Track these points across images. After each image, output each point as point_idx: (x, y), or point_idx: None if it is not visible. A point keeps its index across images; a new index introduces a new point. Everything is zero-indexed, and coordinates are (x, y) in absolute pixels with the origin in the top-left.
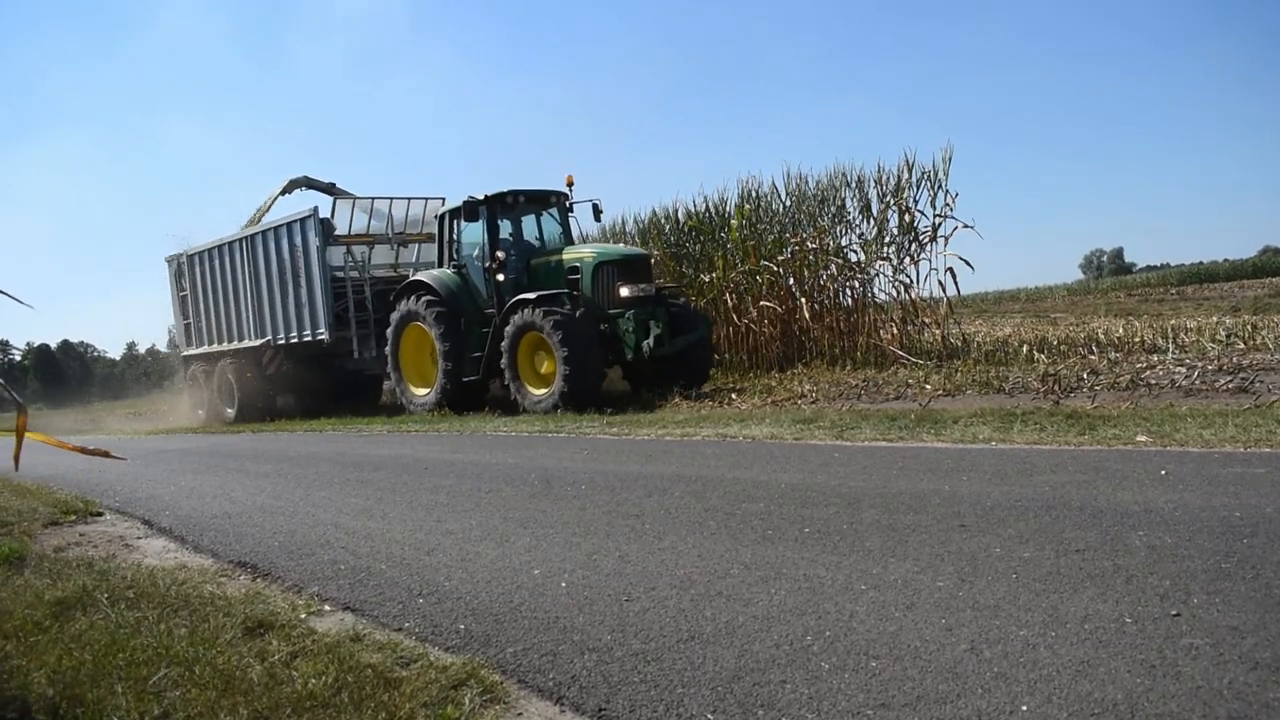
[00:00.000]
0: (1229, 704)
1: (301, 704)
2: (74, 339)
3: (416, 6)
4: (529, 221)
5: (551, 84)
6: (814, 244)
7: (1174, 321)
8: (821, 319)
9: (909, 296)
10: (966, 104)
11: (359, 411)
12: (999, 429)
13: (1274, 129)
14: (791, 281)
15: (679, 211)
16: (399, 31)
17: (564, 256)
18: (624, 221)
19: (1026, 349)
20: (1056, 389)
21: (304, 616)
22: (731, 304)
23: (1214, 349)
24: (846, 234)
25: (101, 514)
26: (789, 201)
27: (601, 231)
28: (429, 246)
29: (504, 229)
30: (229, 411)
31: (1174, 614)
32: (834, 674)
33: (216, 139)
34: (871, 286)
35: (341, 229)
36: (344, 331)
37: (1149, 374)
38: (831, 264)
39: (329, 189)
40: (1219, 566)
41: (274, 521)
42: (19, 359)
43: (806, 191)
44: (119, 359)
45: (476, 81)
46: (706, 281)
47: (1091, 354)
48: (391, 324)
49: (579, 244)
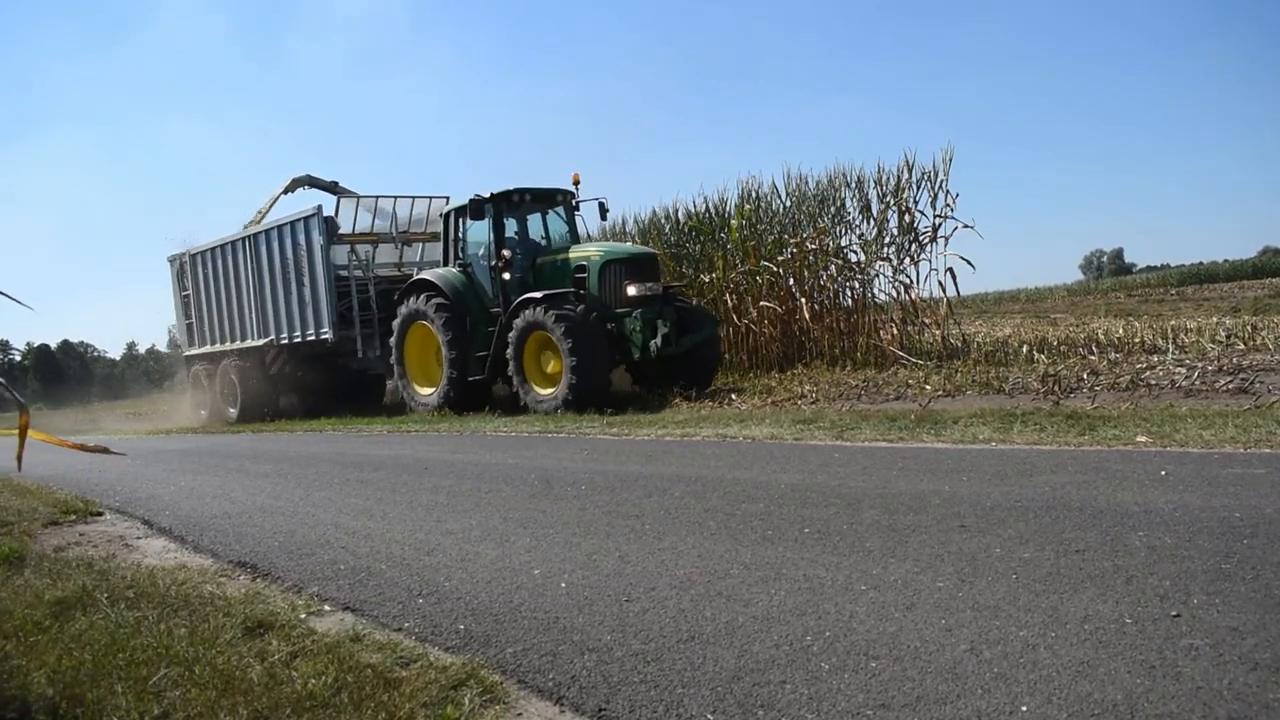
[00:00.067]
0: (1229, 704)
1: (301, 704)
2: (74, 339)
3: (417, 6)
4: (535, 220)
5: (552, 84)
6: (814, 244)
7: (1174, 322)
8: (821, 319)
9: (909, 297)
10: (966, 104)
11: (360, 411)
12: (999, 429)
13: (1274, 129)
14: (791, 282)
15: (679, 212)
16: (399, 31)
17: (570, 255)
18: (624, 221)
19: (1026, 349)
20: (1056, 389)
21: (304, 616)
22: (731, 304)
23: (1214, 349)
24: (846, 234)
25: (101, 514)
26: (789, 202)
27: (601, 231)
28: (433, 246)
29: (510, 227)
30: (231, 411)
31: (1174, 614)
32: (834, 674)
33: (217, 138)
34: (871, 287)
35: (345, 228)
36: (348, 331)
37: (1149, 374)
38: (831, 264)
39: (332, 188)
40: (1219, 567)
41: (274, 521)
42: (19, 359)
43: (806, 192)
44: (119, 359)
45: (477, 81)
46: (706, 282)
47: (1091, 354)
48: (396, 323)
49: (585, 242)
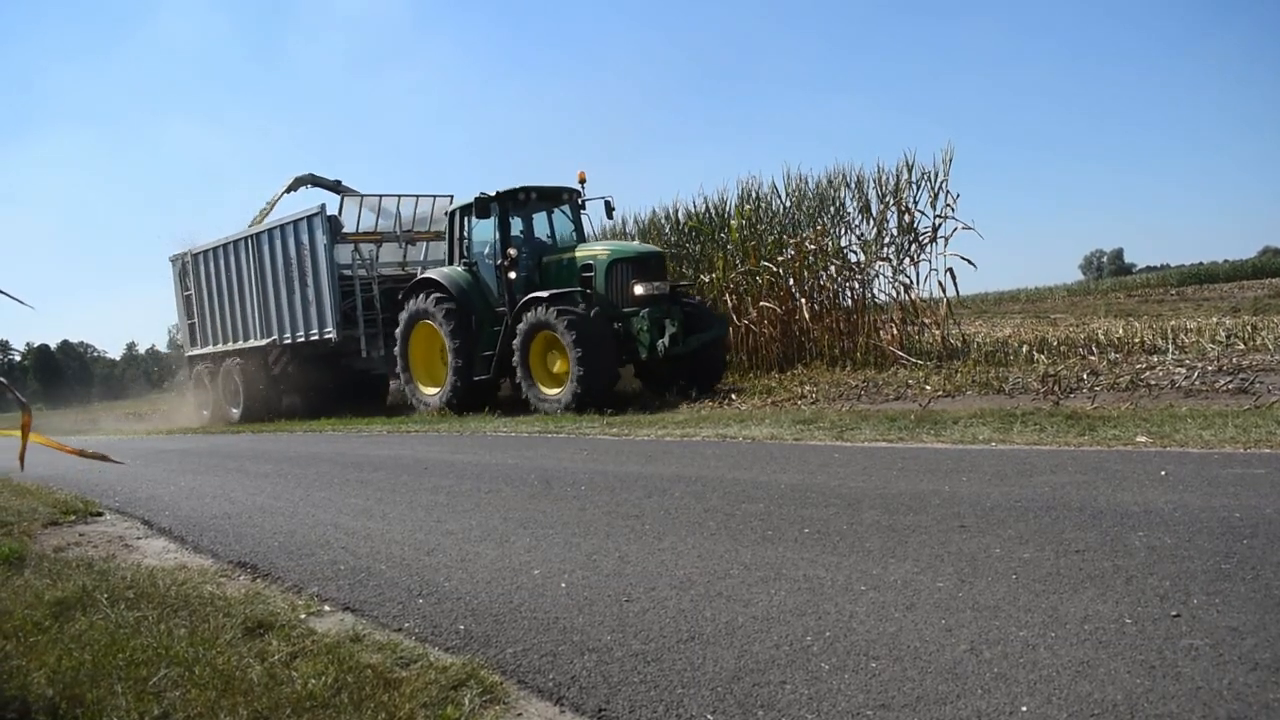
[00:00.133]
0: (1229, 705)
1: (301, 704)
2: (74, 339)
3: (418, 5)
4: (540, 218)
5: (552, 83)
6: (814, 244)
7: (1174, 322)
8: (821, 319)
9: (909, 297)
10: (966, 104)
11: (361, 412)
12: (999, 430)
13: (1274, 129)
14: (791, 282)
15: (679, 212)
16: (400, 30)
17: (577, 254)
18: (624, 221)
19: (1026, 350)
20: (1056, 390)
21: (304, 617)
22: (731, 304)
23: (1214, 350)
24: (846, 234)
25: (101, 514)
26: (789, 202)
27: (601, 231)
28: (436, 245)
29: (515, 226)
30: (234, 412)
31: (1174, 615)
32: (834, 674)
33: (217, 138)
34: (871, 287)
35: (349, 227)
36: (352, 330)
37: (1149, 375)
38: (831, 264)
39: (334, 187)
40: (1219, 567)
41: (274, 522)
42: (19, 359)
43: (806, 192)
44: (119, 359)
45: (477, 81)
46: (706, 282)
47: (1091, 355)
48: (401, 322)
49: (591, 241)
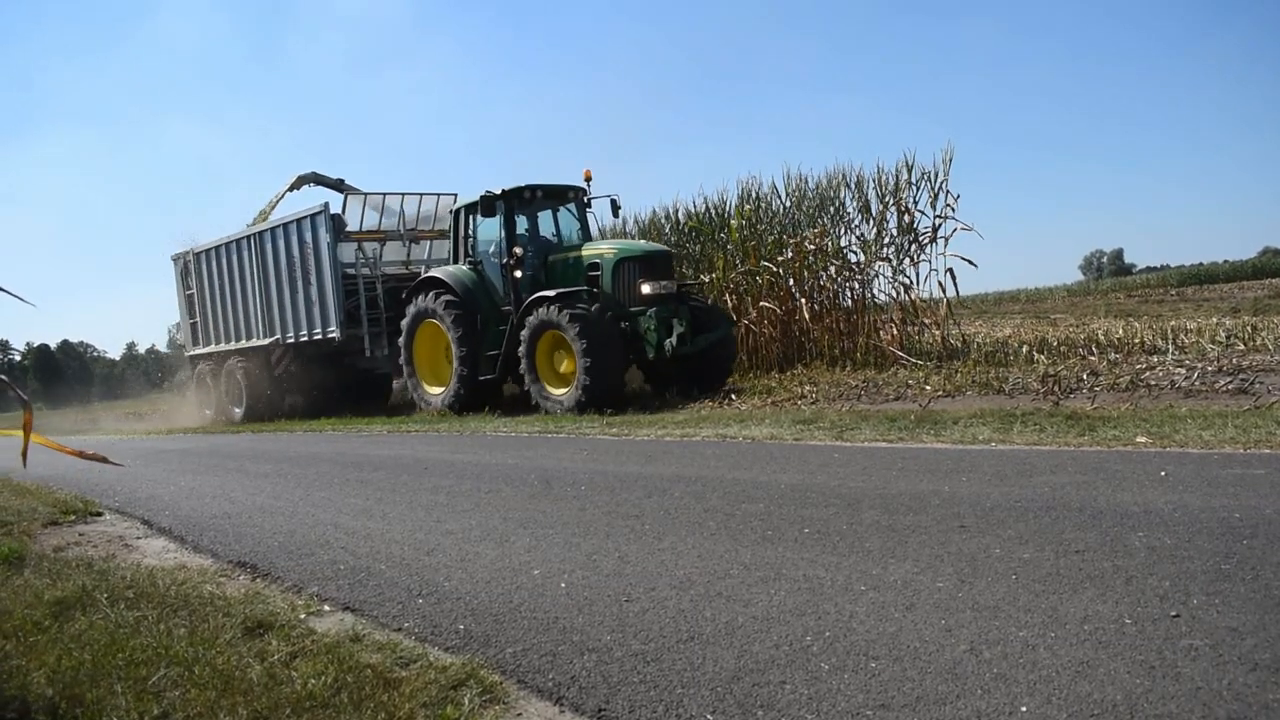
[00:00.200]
0: (1228, 705)
1: (301, 704)
2: (74, 339)
3: (419, 4)
4: (545, 217)
5: (552, 83)
6: (814, 244)
7: (1174, 323)
8: (821, 320)
9: (909, 297)
10: (966, 104)
11: (362, 411)
12: (999, 430)
13: (1274, 129)
14: (791, 282)
15: (679, 212)
16: (400, 30)
17: (583, 253)
18: (624, 221)
19: (1026, 350)
20: (1056, 390)
21: (303, 617)
22: (731, 304)
23: (1214, 350)
24: (846, 234)
25: (101, 514)
26: (789, 202)
27: (602, 231)
28: (440, 243)
29: (521, 224)
30: (236, 411)
31: (1174, 615)
32: (834, 674)
33: (217, 138)
34: (871, 287)
35: (352, 225)
36: (355, 330)
37: (1149, 375)
38: (831, 265)
39: (337, 185)
40: (1219, 568)
41: (274, 521)
42: (19, 359)
43: (806, 192)
44: (119, 359)
45: (478, 80)
46: (706, 282)
47: (1091, 355)
48: (405, 321)
49: (598, 240)
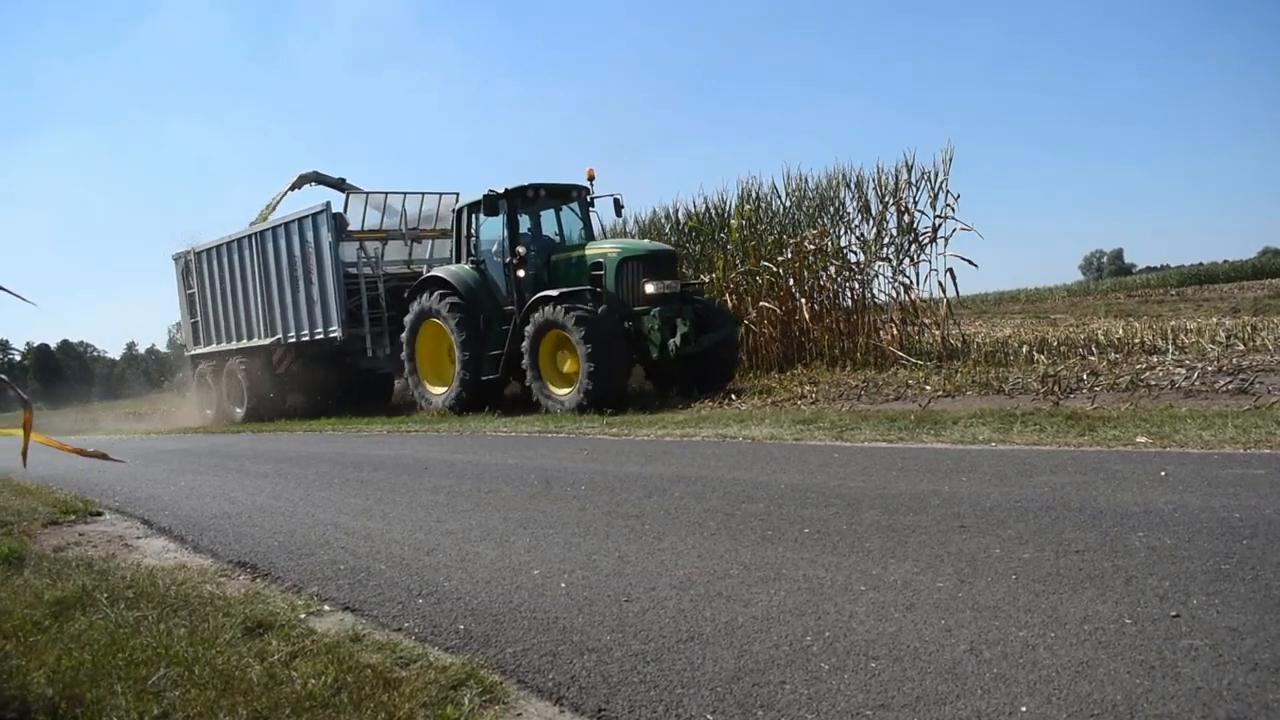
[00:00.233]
0: (1228, 705)
1: (301, 704)
2: (74, 339)
3: (418, 5)
4: (548, 216)
5: (552, 82)
6: (814, 245)
7: (1174, 323)
8: (821, 320)
9: (909, 297)
10: (966, 104)
11: (363, 411)
12: (999, 430)
13: (1274, 129)
14: (791, 282)
15: (679, 212)
16: (401, 29)
17: (586, 252)
18: (625, 221)
19: (1026, 350)
20: (1056, 390)
21: (303, 617)
22: (731, 304)
23: (1214, 350)
24: (846, 234)
25: (101, 514)
26: (789, 202)
27: (602, 231)
28: (442, 243)
29: (524, 223)
30: (238, 411)
31: (1173, 615)
32: (833, 674)
33: (217, 138)
34: (871, 287)
35: (353, 224)
36: (357, 329)
37: (1149, 375)
38: (831, 265)
39: (339, 184)
40: (1218, 568)
41: (274, 521)
42: (19, 359)
43: (806, 192)
44: (119, 359)
45: (478, 80)
46: (706, 282)
47: (1091, 355)
48: (408, 321)
49: (601, 239)
